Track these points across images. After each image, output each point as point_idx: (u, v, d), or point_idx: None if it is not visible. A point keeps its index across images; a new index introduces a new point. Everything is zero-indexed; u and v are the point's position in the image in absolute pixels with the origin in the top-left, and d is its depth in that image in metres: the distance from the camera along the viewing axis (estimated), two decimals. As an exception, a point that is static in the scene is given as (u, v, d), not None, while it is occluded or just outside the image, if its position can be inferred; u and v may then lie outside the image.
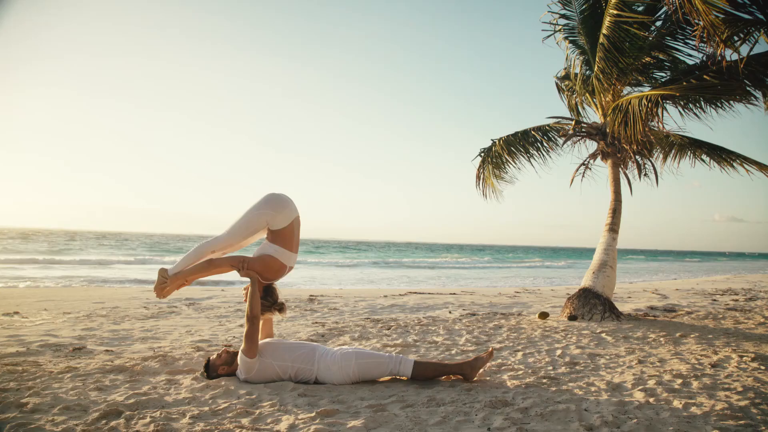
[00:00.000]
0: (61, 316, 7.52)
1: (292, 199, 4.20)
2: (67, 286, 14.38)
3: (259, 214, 4.07)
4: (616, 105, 7.80)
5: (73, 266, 21.33)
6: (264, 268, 4.10)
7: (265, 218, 4.06)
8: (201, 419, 3.19)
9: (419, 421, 3.17)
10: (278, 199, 4.11)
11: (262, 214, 4.06)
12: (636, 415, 3.26)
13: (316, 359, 4.01)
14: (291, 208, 4.14)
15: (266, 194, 4.16)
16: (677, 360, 5.04)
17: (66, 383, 3.92)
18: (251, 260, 4.10)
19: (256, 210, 4.09)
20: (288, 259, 4.15)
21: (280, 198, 4.13)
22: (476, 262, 40.02)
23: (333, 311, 8.77)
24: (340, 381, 3.99)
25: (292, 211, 4.13)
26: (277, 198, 4.12)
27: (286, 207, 4.11)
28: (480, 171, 9.63)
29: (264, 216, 4.06)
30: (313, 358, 4.02)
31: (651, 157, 9.17)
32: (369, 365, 4.01)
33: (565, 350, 5.51)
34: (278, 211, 4.06)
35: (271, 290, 4.22)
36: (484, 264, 38.04)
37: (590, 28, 8.50)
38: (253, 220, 4.09)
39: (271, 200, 4.10)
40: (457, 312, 8.93)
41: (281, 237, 4.11)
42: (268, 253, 4.11)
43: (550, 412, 3.32)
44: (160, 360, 4.74)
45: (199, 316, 7.98)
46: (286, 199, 4.15)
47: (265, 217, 4.06)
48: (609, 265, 8.23)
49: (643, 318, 8.19)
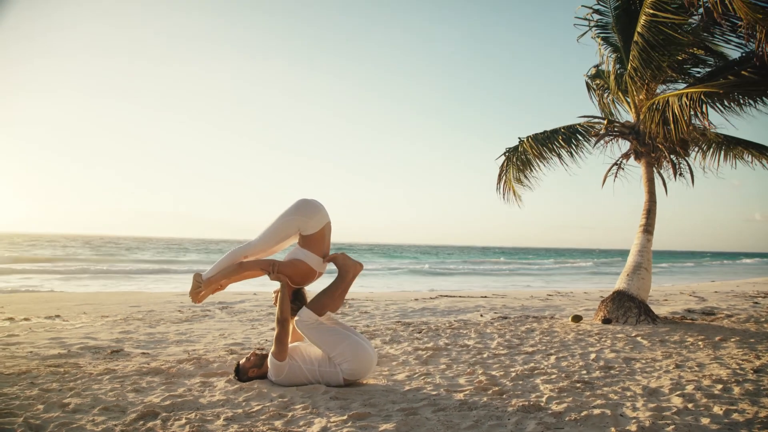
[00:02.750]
0: (99, 320, 7.72)
1: (323, 205, 4.23)
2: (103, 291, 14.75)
3: (291, 219, 4.10)
4: (651, 104, 7.63)
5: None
6: (293, 272, 4.13)
7: (297, 224, 4.10)
8: (235, 421, 3.23)
9: (451, 425, 3.15)
10: (309, 205, 4.14)
11: (293, 220, 4.10)
12: (674, 421, 3.19)
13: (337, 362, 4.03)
14: (322, 213, 4.16)
15: (298, 200, 4.19)
16: (717, 365, 4.90)
17: (105, 385, 4.02)
18: (281, 264, 4.14)
19: (287, 216, 4.12)
20: (318, 265, 4.17)
21: (312, 204, 4.16)
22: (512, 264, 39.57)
23: (364, 314, 8.79)
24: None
25: (323, 216, 4.16)
26: (309, 204, 4.15)
27: (318, 213, 4.13)
28: (502, 171, 9.47)
29: (295, 222, 4.10)
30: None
31: (687, 156, 8.95)
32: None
33: (599, 354, 5.42)
34: (309, 216, 4.09)
35: (300, 294, 4.25)
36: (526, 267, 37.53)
37: (624, 24, 8.35)
38: (285, 226, 4.13)
39: (302, 206, 4.13)
40: (489, 315, 8.86)
41: (312, 242, 4.14)
42: (298, 258, 4.14)
43: (585, 417, 3.26)
44: (195, 363, 4.82)
45: (232, 319, 8.09)
46: (317, 204, 4.18)
47: (296, 222, 4.09)
48: (644, 267, 8.06)
49: (680, 321, 7.99)
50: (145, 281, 18.34)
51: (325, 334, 4.03)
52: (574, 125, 9.14)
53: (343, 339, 4.03)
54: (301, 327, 4.03)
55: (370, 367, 4.13)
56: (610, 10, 8.65)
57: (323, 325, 4.06)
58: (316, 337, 4.03)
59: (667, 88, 8.50)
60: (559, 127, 9.12)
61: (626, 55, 8.12)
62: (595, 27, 8.91)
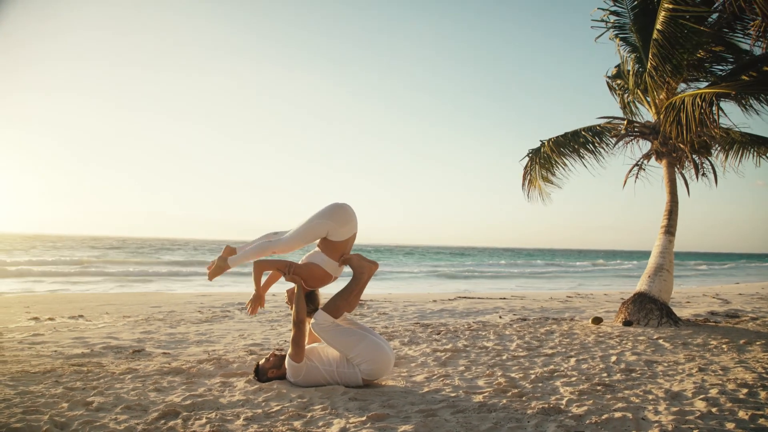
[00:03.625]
0: (121, 320, 7.83)
1: (355, 213, 4.22)
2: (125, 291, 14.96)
3: (323, 224, 4.08)
4: (669, 103, 7.53)
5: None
6: (309, 275, 4.14)
7: (327, 228, 4.08)
8: (255, 421, 3.26)
9: (470, 427, 3.14)
10: (344, 213, 4.12)
11: (325, 224, 4.08)
12: (698, 426, 3.14)
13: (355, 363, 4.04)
14: (353, 224, 4.16)
15: (332, 205, 4.16)
16: (742, 368, 4.81)
17: (127, 384, 4.08)
18: (298, 266, 4.15)
19: (320, 219, 4.10)
20: (333, 270, 4.18)
21: (346, 212, 4.14)
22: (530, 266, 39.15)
23: (382, 316, 8.80)
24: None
25: (353, 227, 4.16)
26: (343, 211, 4.13)
27: (349, 222, 4.13)
28: (527, 172, 9.47)
29: (326, 226, 4.07)
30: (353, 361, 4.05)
31: (709, 156, 8.81)
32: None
33: (620, 356, 5.35)
34: (341, 224, 4.08)
35: (314, 297, 4.25)
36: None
37: (642, 24, 8.25)
38: (316, 229, 4.11)
39: (336, 212, 4.11)
40: (508, 317, 8.81)
41: (333, 248, 4.14)
42: (316, 262, 4.15)
43: (606, 420, 3.23)
44: (215, 363, 4.87)
45: (252, 320, 8.15)
46: (350, 213, 4.16)
47: (327, 227, 4.08)
48: (665, 268, 7.95)
49: (704, 324, 7.87)
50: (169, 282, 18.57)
51: (341, 336, 4.03)
52: (594, 126, 9.06)
53: (361, 339, 4.04)
54: (317, 330, 4.03)
55: (388, 367, 4.13)
56: (627, 10, 8.55)
57: (339, 326, 4.06)
58: (332, 339, 4.03)
59: (688, 87, 8.38)
60: (579, 128, 9.06)
61: (645, 55, 8.03)
62: (613, 28, 8.82)
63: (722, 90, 6.85)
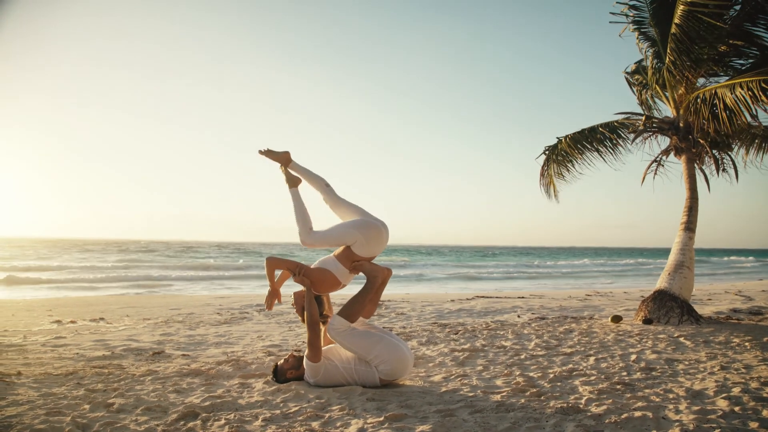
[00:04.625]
0: (141, 322, 7.93)
1: (388, 238, 4.21)
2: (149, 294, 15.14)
3: (353, 234, 4.06)
4: (695, 96, 7.40)
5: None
6: (319, 279, 4.14)
7: (355, 239, 4.06)
8: (273, 422, 3.28)
9: (488, 427, 3.13)
10: (377, 235, 4.10)
11: (354, 236, 4.06)
12: (720, 425, 3.09)
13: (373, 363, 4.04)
14: (382, 247, 4.17)
15: (368, 219, 4.14)
16: (765, 366, 4.73)
17: (147, 385, 4.13)
18: (308, 269, 4.16)
19: (352, 229, 4.08)
20: (344, 277, 4.17)
21: (380, 235, 4.12)
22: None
23: (400, 316, 8.80)
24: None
25: (380, 249, 4.17)
26: (377, 233, 4.10)
27: (379, 246, 4.14)
28: (544, 169, 9.43)
29: (355, 238, 4.06)
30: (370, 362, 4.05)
31: (730, 151, 8.68)
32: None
33: (640, 355, 5.29)
34: (370, 242, 4.08)
35: (320, 302, 4.26)
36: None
37: (661, 18, 8.14)
38: (345, 237, 4.10)
39: (371, 232, 4.08)
40: (526, 316, 8.75)
41: (350, 258, 4.13)
42: (327, 267, 4.15)
43: (626, 419, 3.19)
44: (233, 364, 4.91)
45: (270, 321, 8.20)
46: (384, 239, 4.15)
47: (355, 239, 4.06)
48: (686, 265, 7.84)
49: (726, 321, 7.74)
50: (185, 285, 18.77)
51: (358, 339, 4.03)
52: (611, 122, 8.98)
53: (378, 341, 4.04)
54: (333, 335, 4.04)
55: (407, 367, 4.13)
56: (646, 4, 8.43)
57: (356, 330, 4.07)
58: (350, 343, 4.03)
59: (707, 82, 8.25)
60: (596, 125, 8.98)
61: (664, 49, 7.92)
62: (632, 22, 8.72)
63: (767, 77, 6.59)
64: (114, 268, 25.04)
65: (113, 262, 30.50)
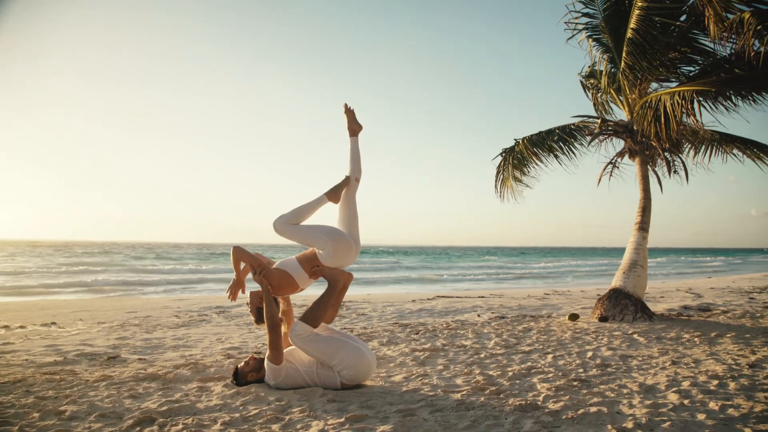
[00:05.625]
0: (95, 326, 7.69)
1: (356, 258, 4.20)
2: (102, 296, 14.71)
3: (323, 241, 4.02)
4: (644, 102, 7.64)
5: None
6: (279, 282, 4.10)
7: (323, 246, 4.02)
8: (232, 425, 3.23)
9: (449, 425, 3.15)
10: (346, 249, 4.07)
11: (324, 243, 4.02)
12: (670, 417, 3.20)
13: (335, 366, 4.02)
14: (347, 262, 4.13)
15: (343, 233, 4.11)
16: (713, 360, 4.92)
17: (101, 391, 4.01)
18: (269, 270, 4.10)
19: (323, 235, 4.03)
20: (303, 281, 4.14)
21: (350, 250, 4.09)
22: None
23: (361, 316, 8.79)
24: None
25: (345, 263, 4.14)
26: (347, 247, 4.07)
27: (345, 259, 4.10)
28: (500, 171, 9.49)
29: (324, 245, 4.02)
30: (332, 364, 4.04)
31: (681, 153, 8.99)
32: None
33: (596, 352, 5.43)
34: (337, 255, 4.04)
35: (276, 303, 4.22)
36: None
37: (614, 25, 8.37)
38: (314, 240, 4.05)
39: (341, 245, 4.04)
40: (486, 315, 8.87)
41: (312, 263, 4.10)
42: (288, 271, 4.11)
43: (582, 415, 3.27)
44: (192, 368, 4.81)
45: (229, 323, 8.08)
46: (352, 257, 4.12)
47: (324, 246, 4.02)
48: (640, 264, 8.09)
49: (677, 318, 8.02)
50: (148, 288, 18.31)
51: (322, 345, 4.01)
52: (568, 125, 9.17)
53: (342, 347, 4.02)
54: (296, 341, 4.00)
55: (370, 372, 4.13)
56: (599, 12, 8.66)
57: (319, 335, 4.04)
58: (313, 349, 4.00)
59: (660, 87, 8.52)
60: (553, 127, 9.16)
61: (618, 55, 8.15)
62: (585, 30, 8.94)
63: (701, 87, 6.91)
64: (68, 272, 24.22)
65: (66, 265, 29.51)
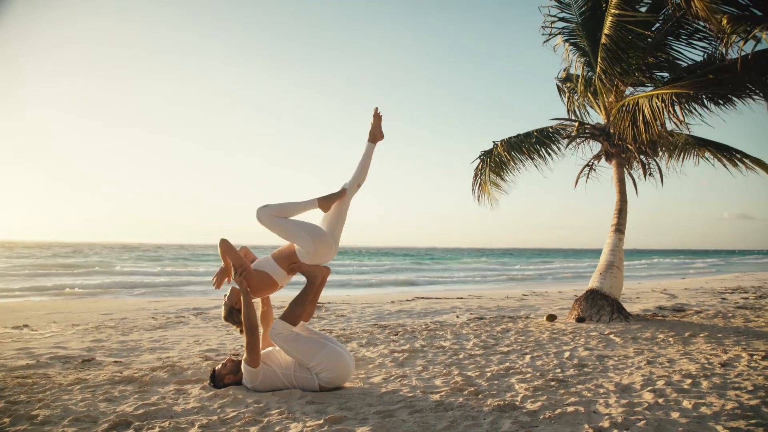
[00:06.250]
0: (69, 329, 7.55)
1: (332, 258, 4.20)
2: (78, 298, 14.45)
3: (303, 238, 4.00)
4: (621, 105, 7.75)
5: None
6: (258, 285, 4.07)
7: (303, 243, 4.01)
8: (210, 428, 3.20)
9: (427, 426, 3.16)
10: (326, 249, 4.07)
11: (304, 240, 4.00)
12: (645, 416, 3.25)
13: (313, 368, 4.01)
14: (324, 260, 4.13)
15: (325, 233, 4.09)
16: (686, 360, 5.01)
17: (75, 395, 3.94)
18: (249, 272, 4.07)
19: (305, 233, 4.01)
20: (281, 279, 4.13)
21: (329, 250, 4.09)
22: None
23: (340, 318, 8.77)
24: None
25: (322, 262, 4.13)
26: (327, 247, 4.07)
27: (323, 258, 4.10)
28: (477, 174, 9.48)
29: (304, 242, 4.01)
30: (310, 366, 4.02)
31: (656, 156, 9.14)
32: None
33: (573, 352, 5.49)
34: (317, 254, 4.04)
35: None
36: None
37: (591, 29, 8.48)
38: (296, 235, 4.03)
39: (321, 243, 4.03)
40: (465, 316, 8.91)
41: (289, 260, 4.09)
42: (265, 269, 4.09)
43: (559, 415, 3.31)
44: (169, 370, 4.75)
45: (207, 325, 8.00)
46: (331, 254, 4.12)
47: (304, 243, 4.01)
48: (616, 265, 8.20)
49: (652, 318, 8.15)
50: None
51: (301, 345, 3.99)
52: (546, 128, 9.26)
53: (321, 348, 4.01)
54: (276, 340, 3.98)
55: (348, 376, 4.12)
56: (575, 15, 8.76)
57: (299, 335, 4.02)
58: (292, 349, 3.98)
59: (635, 91, 8.66)
60: (531, 130, 9.24)
61: (594, 59, 8.26)
62: (561, 33, 9.04)
63: (680, 90, 6.99)
64: (40, 274, 23.74)
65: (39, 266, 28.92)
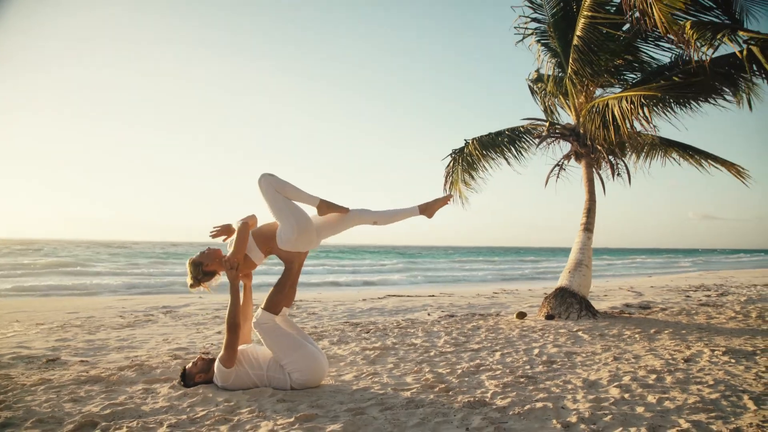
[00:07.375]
0: (33, 328, 7.37)
1: (312, 249, 4.18)
2: (43, 296, 14.08)
3: (290, 224, 3.94)
4: (591, 106, 7.88)
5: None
6: (243, 268, 4.09)
7: (288, 226, 3.95)
8: (179, 427, 3.16)
9: (398, 423, 3.18)
10: (308, 241, 4.03)
11: (290, 226, 3.94)
12: (611, 411, 3.33)
13: (286, 369, 3.99)
14: (303, 249, 4.08)
15: (310, 227, 4.02)
16: (652, 356, 5.13)
17: (39, 396, 3.85)
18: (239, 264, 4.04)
19: (294, 218, 3.95)
20: (259, 261, 4.14)
21: (310, 243, 4.06)
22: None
23: (312, 316, 8.74)
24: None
25: (301, 250, 4.08)
26: (309, 239, 4.03)
27: (304, 247, 4.06)
28: (449, 173, 9.53)
29: (289, 226, 3.94)
30: (284, 367, 4.00)
31: (624, 157, 9.33)
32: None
33: (542, 349, 5.57)
34: (298, 241, 3.99)
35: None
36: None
37: (562, 30, 8.61)
38: (286, 215, 3.94)
39: (305, 233, 3.98)
40: (436, 314, 8.97)
41: (267, 245, 4.07)
42: (246, 252, 4.07)
43: (528, 410, 3.36)
44: (137, 369, 4.67)
45: (176, 323, 7.89)
46: (311, 246, 4.09)
47: (289, 226, 3.94)
48: (585, 264, 8.34)
49: (619, 315, 8.32)
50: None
51: (281, 339, 3.97)
52: (517, 127, 9.37)
53: (298, 348, 3.99)
54: (258, 329, 3.96)
55: (321, 379, 4.11)
56: (547, 16, 8.88)
57: (280, 328, 4.01)
58: (272, 341, 3.96)
59: (604, 92, 8.82)
60: (503, 129, 9.33)
61: (565, 60, 8.38)
62: (534, 34, 9.16)
63: (648, 92, 7.15)
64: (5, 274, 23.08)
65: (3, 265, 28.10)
